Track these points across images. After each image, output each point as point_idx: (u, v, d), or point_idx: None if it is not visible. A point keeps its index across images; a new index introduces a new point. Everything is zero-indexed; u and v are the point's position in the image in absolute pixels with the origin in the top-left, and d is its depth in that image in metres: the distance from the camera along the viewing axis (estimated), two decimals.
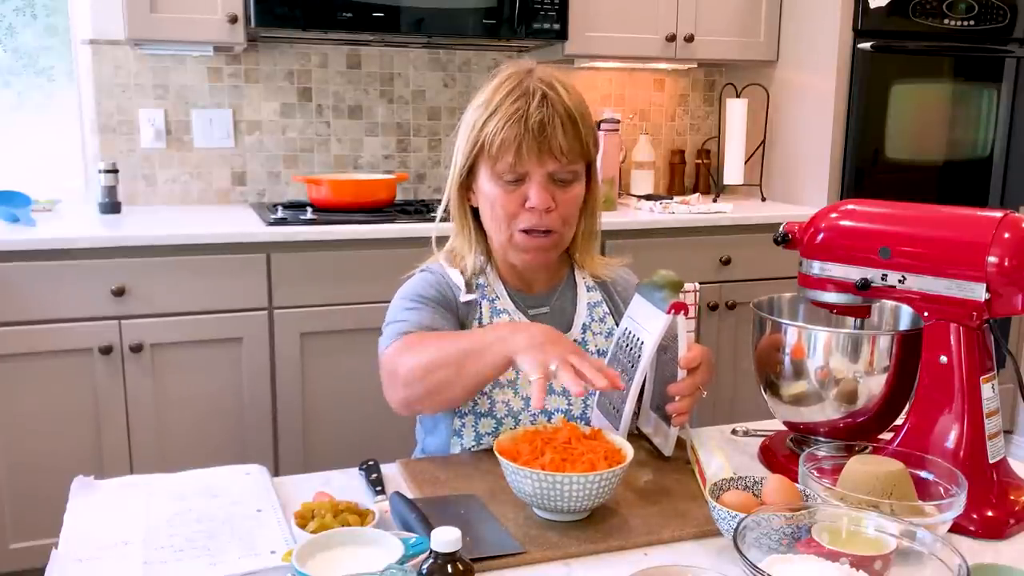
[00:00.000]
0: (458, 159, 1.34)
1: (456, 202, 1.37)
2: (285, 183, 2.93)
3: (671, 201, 2.87)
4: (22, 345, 2.16)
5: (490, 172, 1.30)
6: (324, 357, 2.38)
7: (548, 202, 1.28)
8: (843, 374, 1.18)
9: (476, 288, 1.37)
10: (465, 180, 1.35)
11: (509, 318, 1.36)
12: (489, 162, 1.29)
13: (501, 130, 1.26)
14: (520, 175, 1.28)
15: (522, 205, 1.29)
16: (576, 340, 1.38)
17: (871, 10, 2.80)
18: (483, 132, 1.28)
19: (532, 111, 1.26)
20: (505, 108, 1.27)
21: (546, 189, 1.28)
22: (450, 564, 0.80)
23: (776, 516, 0.91)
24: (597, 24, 2.83)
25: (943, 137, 3.00)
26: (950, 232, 1.11)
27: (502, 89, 1.29)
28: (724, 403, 2.85)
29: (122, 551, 0.99)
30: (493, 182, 1.30)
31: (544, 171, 1.28)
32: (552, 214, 1.30)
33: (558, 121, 1.26)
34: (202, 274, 2.26)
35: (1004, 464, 1.13)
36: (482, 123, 1.29)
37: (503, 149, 1.27)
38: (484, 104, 1.30)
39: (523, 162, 1.27)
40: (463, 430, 1.33)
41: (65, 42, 2.79)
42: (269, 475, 1.20)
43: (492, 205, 1.31)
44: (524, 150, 1.26)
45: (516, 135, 1.25)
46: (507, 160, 1.27)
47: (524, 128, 1.25)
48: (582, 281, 1.44)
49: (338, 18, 2.48)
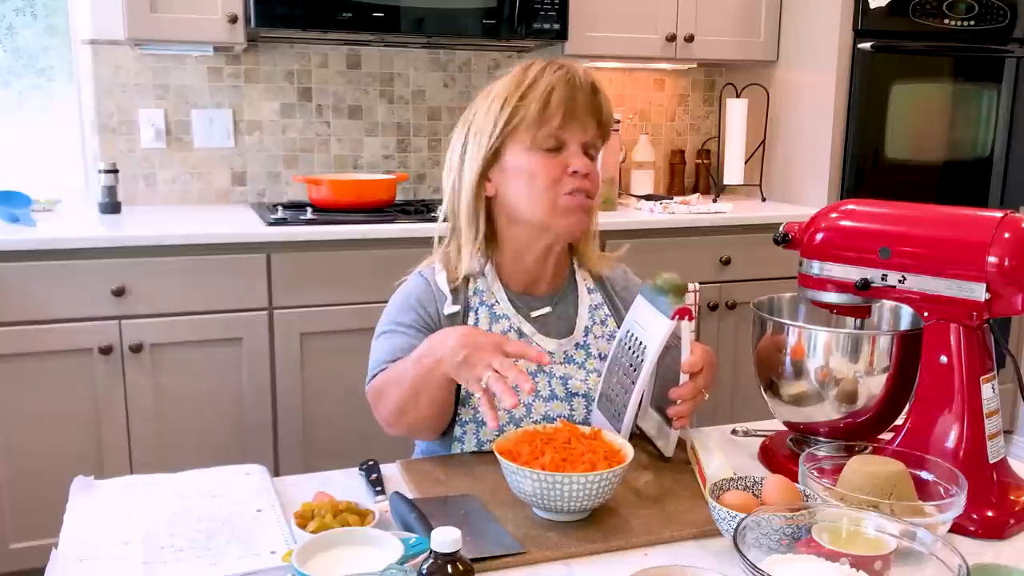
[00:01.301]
0: (482, 144, 1.32)
1: (471, 194, 1.34)
2: (285, 183, 2.93)
3: (671, 201, 2.87)
4: (22, 345, 2.16)
5: (528, 143, 1.30)
6: (324, 357, 2.38)
7: (589, 166, 1.31)
8: (843, 374, 1.18)
9: (474, 294, 1.36)
10: (484, 168, 1.33)
11: (509, 324, 1.35)
12: (528, 132, 1.29)
13: (549, 93, 1.28)
14: (560, 142, 1.30)
15: (563, 171, 1.30)
16: (578, 343, 1.37)
17: (871, 10, 2.80)
18: (522, 103, 1.28)
19: (580, 75, 1.30)
20: (547, 77, 1.29)
21: (584, 155, 1.31)
22: (450, 564, 0.80)
23: (776, 516, 0.91)
24: (597, 24, 2.83)
25: (943, 137, 3.00)
26: (950, 232, 1.11)
27: (532, 70, 1.31)
28: (724, 403, 2.85)
29: (122, 551, 0.99)
30: (531, 153, 1.30)
31: (581, 139, 1.31)
32: (591, 179, 1.32)
33: (589, 87, 1.31)
34: (202, 274, 2.26)
35: (1004, 464, 1.13)
36: (518, 97, 1.29)
37: (545, 117, 1.28)
38: (513, 85, 1.30)
39: (570, 124, 1.29)
40: (464, 437, 1.32)
41: (65, 42, 2.79)
42: (269, 475, 1.20)
43: (532, 175, 1.30)
44: (578, 109, 1.29)
45: (569, 93, 1.28)
46: (552, 124, 1.28)
47: (576, 87, 1.29)
48: (583, 283, 1.43)
49: (338, 18, 2.48)
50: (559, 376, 1.34)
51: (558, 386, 1.33)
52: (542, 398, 1.32)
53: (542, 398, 1.32)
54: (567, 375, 1.34)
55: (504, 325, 1.35)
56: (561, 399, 1.33)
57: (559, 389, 1.33)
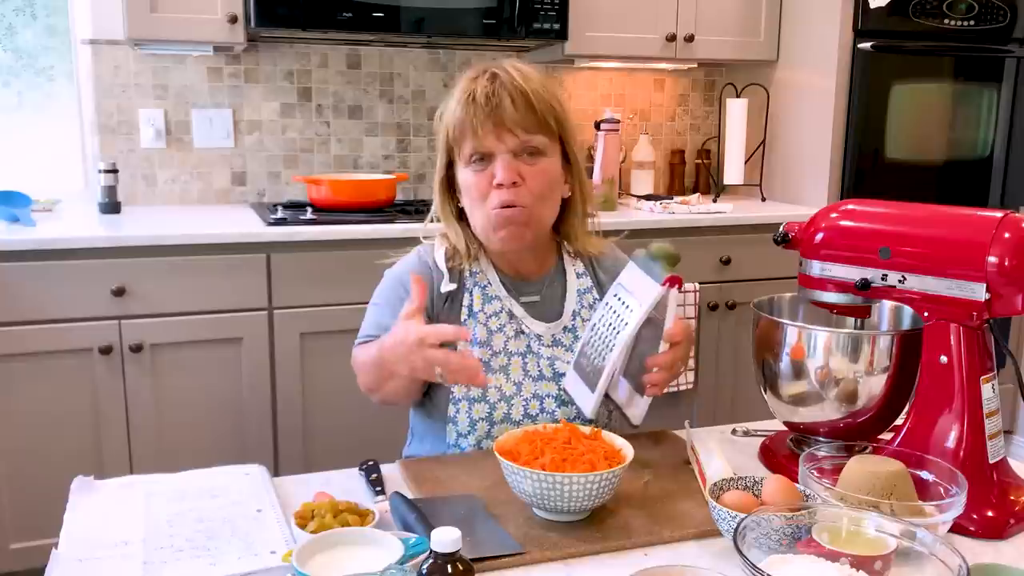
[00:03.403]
0: (437, 160, 1.39)
1: (439, 204, 1.40)
2: (285, 183, 2.93)
3: (671, 201, 2.87)
4: (22, 345, 2.16)
5: (460, 160, 1.34)
6: (324, 357, 2.38)
7: (513, 176, 1.30)
8: (843, 374, 1.18)
9: (470, 275, 1.39)
10: (445, 179, 1.38)
11: (501, 305, 1.38)
12: (457, 150, 1.34)
13: (455, 113, 1.32)
14: (484, 155, 1.31)
15: (491, 184, 1.31)
16: (566, 327, 1.40)
17: (871, 10, 2.80)
18: (444, 122, 1.34)
19: (479, 89, 1.31)
20: (457, 94, 1.33)
21: (511, 165, 1.30)
22: (450, 564, 0.80)
23: (776, 516, 0.91)
24: (597, 24, 2.83)
25: (943, 137, 3.00)
26: (950, 232, 1.11)
27: (459, 83, 1.35)
28: (724, 403, 2.85)
29: (122, 551, 0.99)
30: (465, 169, 1.34)
31: (505, 147, 1.30)
32: (520, 188, 1.31)
33: (505, 94, 1.30)
34: (202, 274, 2.26)
35: (1004, 464, 1.13)
36: (443, 114, 1.35)
37: (461, 131, 1.31)
38: (446, 100, 1.36)
39: (480, 140, 1.30)
40: (457, 416, 1.35)
41: (65, 42, 2.79)
42: (269, 475, 1.20)
43: (468, 190, 1.34)
44: (477, 127, 1.29)
45: (468, 113, 1.30)
46: (468, 142, 1.31)
47: (473, 106, 1.30)
48: (571, 268, 1.45)
49: (338, 18, 2.48)
50: (546, 357, 1.37)
51: (545, 367, 1.37)
52: (531, 377, 1.36)
53: (531, 377, 1.36)
54: (554, 356, 1.38)
55: (497, 306, 1.38)
56: (549, 379, 1.37)
57: (547, 370, 1.37)
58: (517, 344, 1.37)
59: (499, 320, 1.37)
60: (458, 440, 1.35)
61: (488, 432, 1.34)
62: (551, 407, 1.36)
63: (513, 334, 1.37)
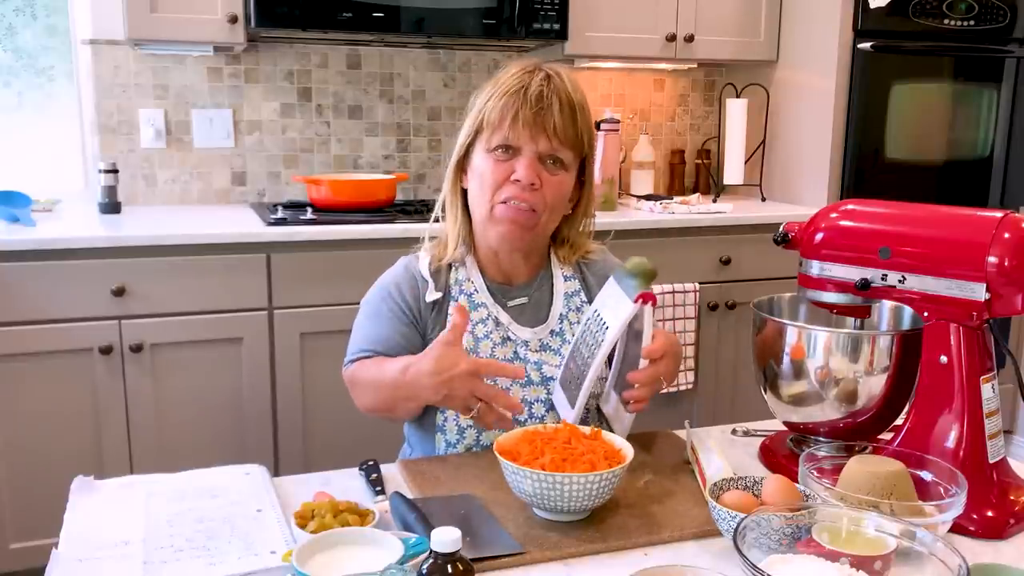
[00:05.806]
0: (459, 139, 1.38)
1: (450, 183, 1.40)
2: (285, 183, 2.93)
3: (671, 201, 2.87)
4: (22, 345, 2.16)
5: (485, 145, 1.34)
6: (324, 357, 2.38)
7: (534, 178, 1.30)
8: (843, 374, 1.18)
9: (455, 282, 1.38)
10: (461, 160, 1.38)
11: (487, 312, 1.37)
12: (485, 135, 1.33)
13: (500, 100, 1.31)
14: (512, 149, 1.31)
15: (508, 178, 1.31)
16: (553, 331, 1.40)
17: (871, 10, 2.80)
18: (484, 106, 1.33)
19: (532, 86, 1.30)
20: (507, 82, 1.32)
21: (533, 166, 1.31)
22: (450, 564, 0.80)
23: (776, 516, 0.91)
24: (597, 24, 2.83)
25: (943, 137, 3.00)
26: (950, 232, 1.11)
27: (510, 70, 1.34)
28: (724, 403, 2.85)
29: (122, 551, 0.99)
30: (485, 155, 1.33)
31: (535, 148, 1.31)
32: (536, 192, 1.31)
33: (555, 99, 1.30)
34: (202, 274, 2.26)
35: (1004, 464, 1.13)
36: (485, 99, 1.33)
37: (500, 119, 1.31)
38: (492, 84, 1.35)
39: (517, 134, 1.30)
40: (445, 425, 1.34)
41: (65, 42, 2.79)
42: (269, 475, 1.20)
43: (481, 176, 1.34)
44: (520, 121, 1.29)
45: (514, 104, 1.30)
46: (502, 131, 1.31)
47: (523, 99, 1.29)
48: (559, 272, 1.45)
49: (338, 18, 2.48)
50: (533, 362, 1.37)
51: (533, 371, 1.36)
52: (519, 383, 1.35)
53: (519, 383, 1.35)
54: (541, 361, 1.37)
55: (483, 313, 1.38)
56: (536, 384, 1.36)
57: (534, 375, 1.36)
58: (504, 351, 1.36)
59: (485, 327, 1.37)
60: (447, 450, 1.35)
61: (477, 439, 1.34)
62: (540, 412, 1.35)
63: (500, 341, 1.36)
